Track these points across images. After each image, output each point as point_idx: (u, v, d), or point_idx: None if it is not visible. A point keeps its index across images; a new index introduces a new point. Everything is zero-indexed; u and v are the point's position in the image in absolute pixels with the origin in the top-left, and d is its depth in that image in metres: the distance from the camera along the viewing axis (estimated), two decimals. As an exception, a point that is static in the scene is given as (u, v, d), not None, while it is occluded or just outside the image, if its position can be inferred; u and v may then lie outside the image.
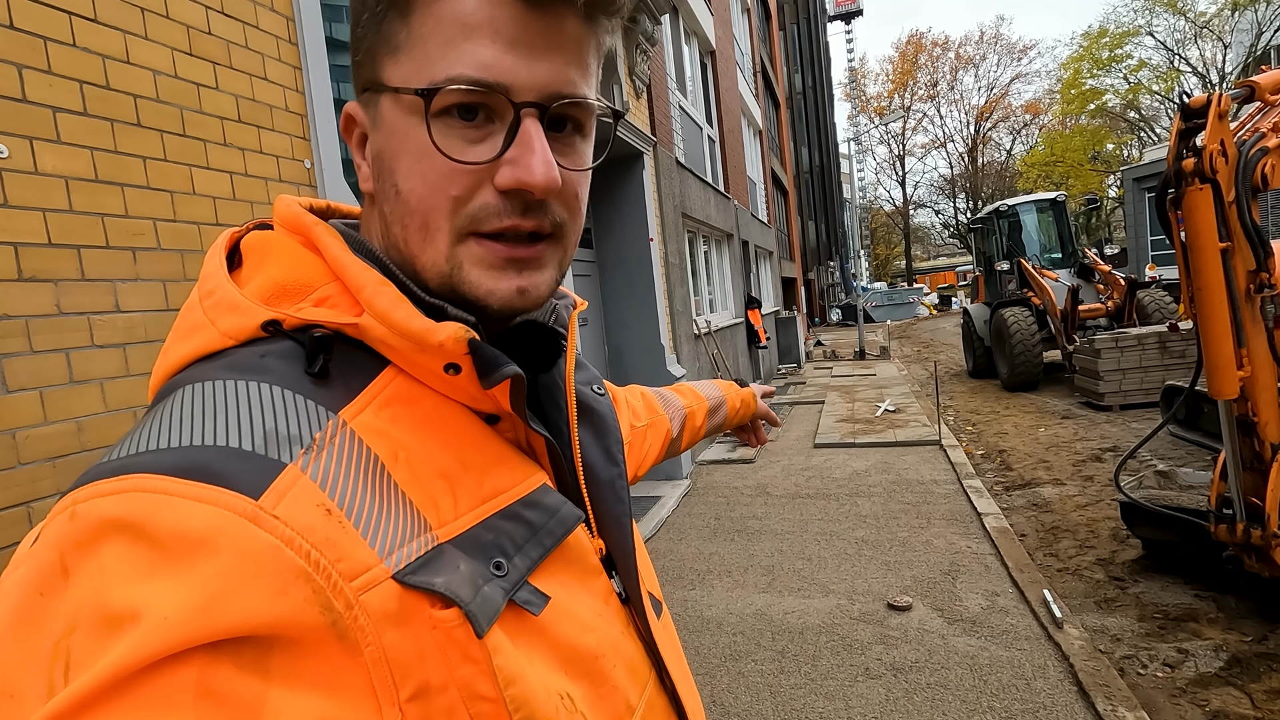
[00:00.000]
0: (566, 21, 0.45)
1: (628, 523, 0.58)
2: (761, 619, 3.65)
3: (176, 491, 0.34)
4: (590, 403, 0.62)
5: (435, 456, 0.45)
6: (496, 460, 0.48)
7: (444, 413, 0.47)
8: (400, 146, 0.46)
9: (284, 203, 0.52)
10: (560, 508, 0.50)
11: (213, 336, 0.44)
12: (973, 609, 3.56)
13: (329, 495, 0.38)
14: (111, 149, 1.72)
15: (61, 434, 1.56)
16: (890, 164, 54.87)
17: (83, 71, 1.67)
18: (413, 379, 0.47)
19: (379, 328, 0.44)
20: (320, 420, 0.41)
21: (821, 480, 6.20)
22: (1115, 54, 26.91)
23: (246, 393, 0.40)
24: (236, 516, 0.34)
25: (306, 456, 0.39)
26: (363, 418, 0.43)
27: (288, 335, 0.44)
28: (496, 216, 0.46)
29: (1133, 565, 3.95)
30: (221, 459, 0.37)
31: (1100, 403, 7.89)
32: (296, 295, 0.46)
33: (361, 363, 0.45)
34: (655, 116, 6.90)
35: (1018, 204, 11.61)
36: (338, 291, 0.47)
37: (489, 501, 0.46)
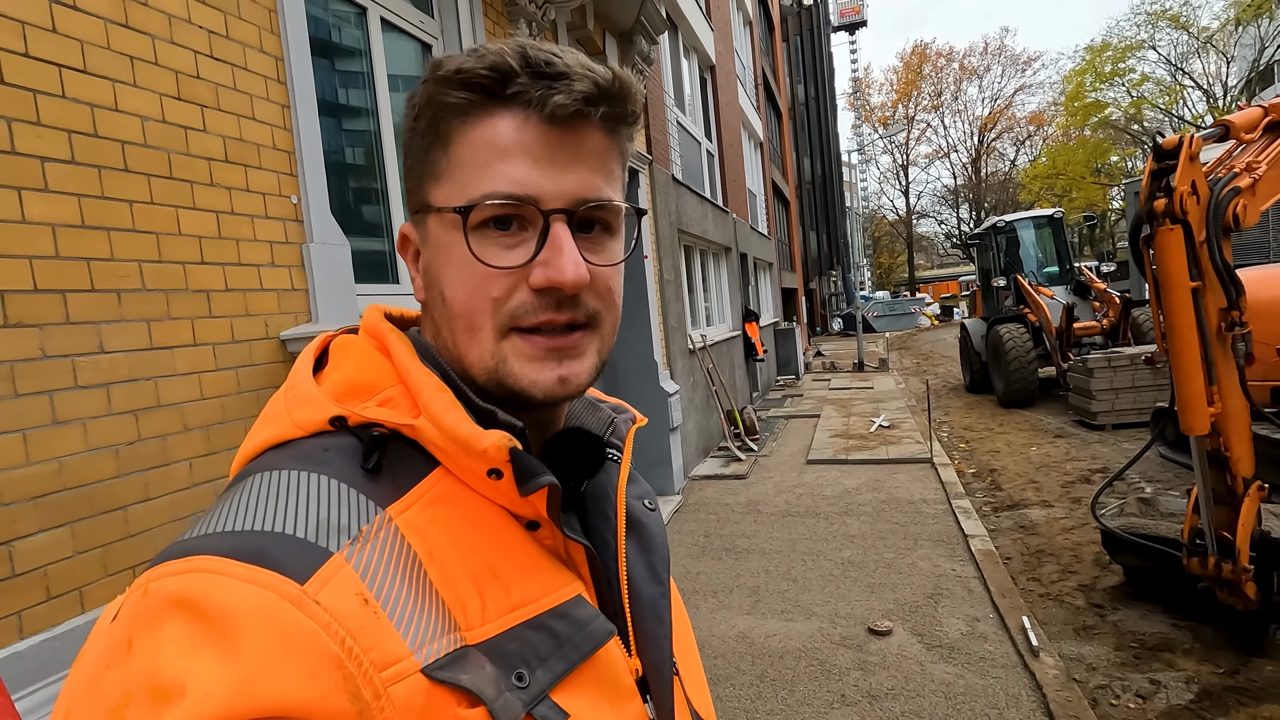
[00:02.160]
0: (589, 137, 0.51)
1: (666, 645, 0.57)
2: (743, 642, 3.68)
3: (232, 573, 0.38)
4: (640, 517, 0.62)
5: (467, 560, 0.46)
6: (530, 568, 0.49)
7: (484, 516, 0.49)
8: (445, 258, 0.51)
9: (370, 311, 0.57)
10: (591, 621, 0.50)
11: (287, 426, 0.49)
12: (952, 634, 3.60)
13: (368, 586, 0.41)
14: (99, 195, 1.78)
15: (43, 474, 1.62)
16: (894, 173, 54.98)
17: (71, 121, 1.73)
18: (459, 481, 0.49)
19: (432, 430, 0.48)
20: (369, 514, 0.44)
21: (812, 498, 6.24)
22: (1118, 68, 26.95)
23: (306, 483, 0.44)
24: (281, 599, 0.38)
25: (352, 547, 0.42)
26: (408, 515, 0.46)
27: (351, 431, 0.48)
28: (533, 313, 0.50)
29: (1113, 592, 3.98)
30: (276, 544, 0.40)
31: (1093, 422, 7.91)
32: (364, 394, 0.50)
33: (414, 462, 0.49)
34: (652, 135, 6.96)
35: (1015, 220, 11.66)
36: (401, 394, 0.51)
37: (516, 610, 0.46)
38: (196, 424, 2.00)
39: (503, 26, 3.99)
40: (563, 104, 0.48)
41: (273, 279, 2.28)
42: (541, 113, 0.48)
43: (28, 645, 1.55)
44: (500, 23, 3.97)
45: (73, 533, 1.67)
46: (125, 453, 1.80)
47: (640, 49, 6.20)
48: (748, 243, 12.41)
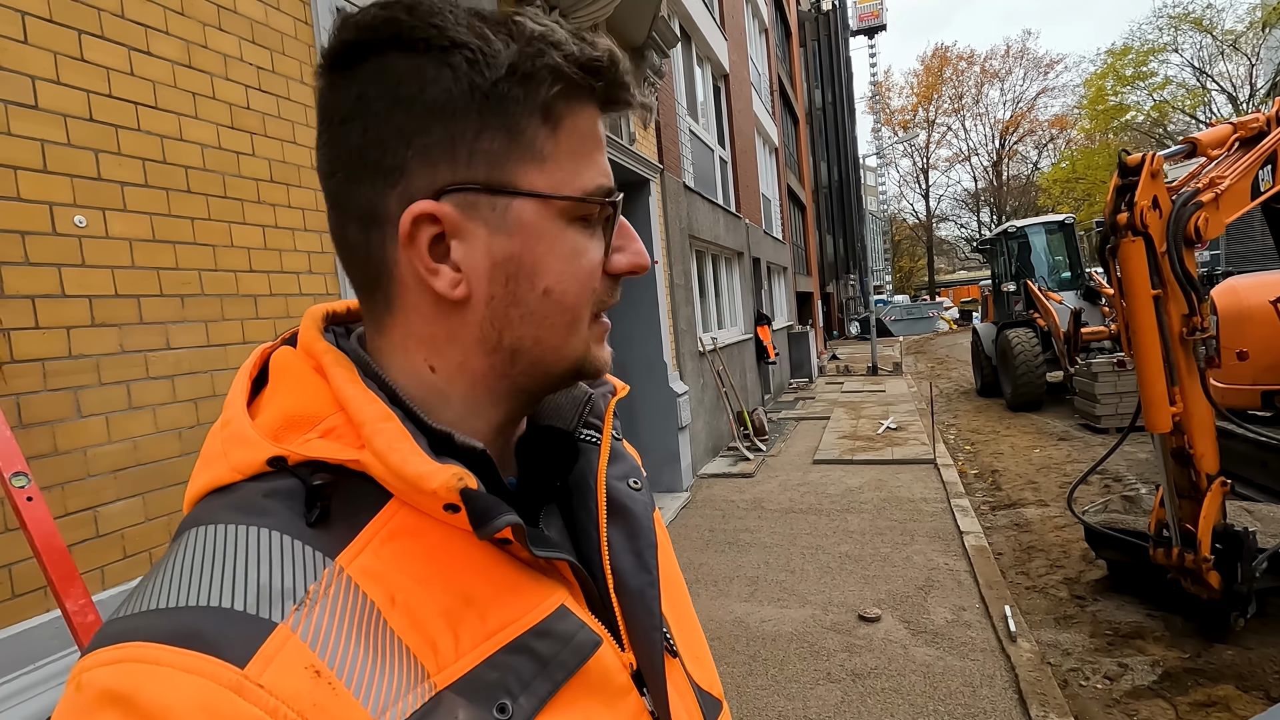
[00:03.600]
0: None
1: (657, 638, 0.53)
2: (739, 626, 3.92)
3: (167, 661, 0.35)
4: (625, 501, 0.57)
5: (436, 595, 0.43)
6: (507, 588, 0.46)
7: (451, 544, 0.45)
8: (548, 249, 0.47)
9: (306, 320, 0.52)
10: (575, 634, 0.47)
11: (224, 470, 0.44)
12: (938, 622, 3.80)
13: (319, 655, 0.38)
14: (166, 213, 2.07)
15: (121, 451, 1.91)
16: (914, 177, 54.82)
17: (145, 150, 2.02)
18: (418, 511, 0.45)
19: (379, 466, 0.43)
20: (316, 569, 0.40)
21: (816, 496, 6.45)
22: (1140, 71, 26.80)
23: (245, 541, 0.40)
24: (220, 689, 0.35)
25: (299, 614, 0.38)
26: (362, 560, 0.42)
27: (292, 472, 0.44)
28: (609, 295, 0.51)
29: (1095, 585, 4.16)
30: (212, 622, 0.37)
31: (1097, 425, 8.04)
32: (303, 426, 0.45)
33: (367, 497, 0.44)
34: (663, 144, 7.23)
35: (1026, 225, 11.76)
36: (343, 423, 0.45)
37: (494, 636, 0.44)
38: (245, 412, 2.29)
39: (519, 48, 4.26)
40: (625, 103, 0.50)
41: (310, 285, 2.57)
42: (604, 107, 0.49)
43: (108, 595, 1.84)
44: (516, 45, 4.24)
45: (144, 502, 1.96)
46: (187, 435, 2.09)
47: (652, 63, 6.47)
48: (760, 247, 12.63)
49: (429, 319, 0.48)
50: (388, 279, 0.47)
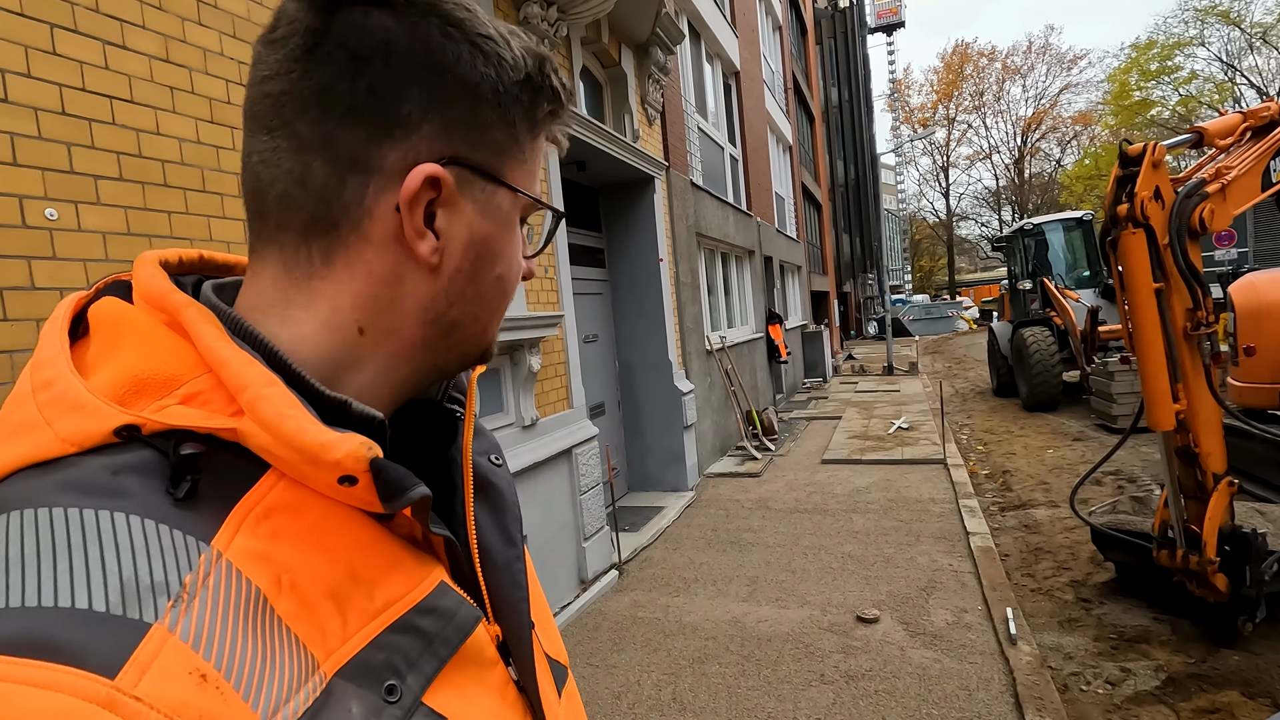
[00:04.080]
0: None
1: (524, 607, 0.54)
2: (735, 626, 3.88)
3: (16, 676, 0.29)
4: (489, 476, 0.58)
5: (323, 573, 0.40)
6: (391, 565, 0.44)
7: (333, 519, 0.42)
8: (508, 239, 0.51)
9: (146, 269, 0.46)
10: (458, 610, 0.46)
11: (48, 441, 0.37)
12: (938, 624, 3.73)
13: (204, 656, 0.33)
14: (142, 206, 2.08)
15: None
16: (934, 175, 54.19)
17: (120, 144, 2.03)
18: (298, 484, 0.41)
19: (263, 435, 0.39)
20: (191, 557, 0.35)
21: (822, 496, 6.38)
22: (1165, 65, 26.28)
23: (97, 528, 0.34)
24: (88, 705, 0.30)
25: (175, 610, 0.34)
26: (240, 541, 0.38)
27: (148, 443, 0.38)
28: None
29: (1103, 588, 4.06)
30: (71, 628, 0.31)
31: (1113, 425, 7.87)
32: (157, 390, 0.40)
33: (239, 471, 0.40)
34: (670, 141, 7.19)
35: (1043, 223, 11.56)
36: (210, 387, 0.41)
37: (381, 615, 0.42)
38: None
39: (515, 44, 4.25)
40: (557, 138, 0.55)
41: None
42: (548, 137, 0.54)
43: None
44: (513, 41, 4.23)
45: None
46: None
47: (656, 60, 6.44)
48: (773, 246, 12.54)
49: (381, 280, 0.46)
50: (350, 229, 0.45)
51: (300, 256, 0.45)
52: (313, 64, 0.43)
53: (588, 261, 6.33)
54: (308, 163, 0.44)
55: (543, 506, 4.15)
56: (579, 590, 4.45)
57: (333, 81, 0.43)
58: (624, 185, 6.46)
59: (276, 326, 0.45)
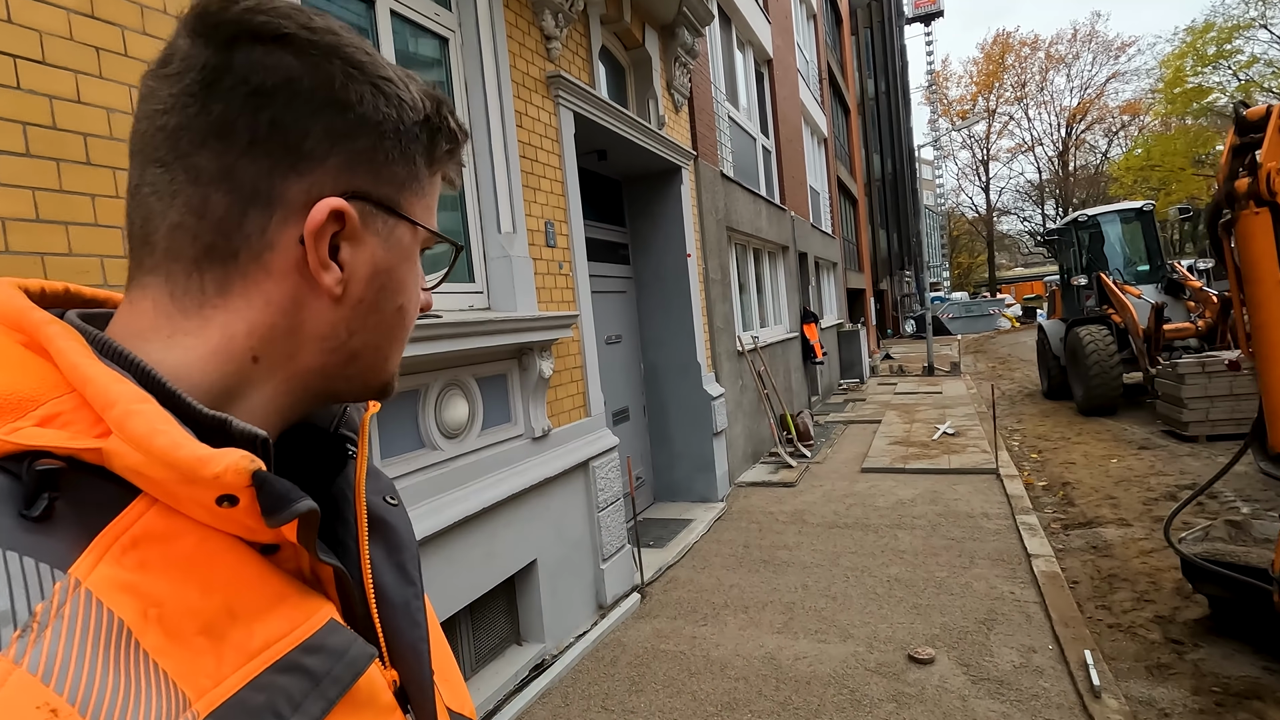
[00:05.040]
0: None
1: (424, 649, 0.52)
2: (769, 664, 3.45)
3: None
4: (383, 515, 0.57)
5: (197, 607, 0.38)
6: (273, 600, 0.42)
7: (209, 549, 0.40)
8: (409, 271, 0.51)
9: (2, 289, 0.44)
10: (349, 647, 0.44)
11: None
12: (1003, 666, 3.26)
13: (55, 690, 0.31)
14: (56, 189, 1.74)
15: None
16: (973, 169, 52.64)
17: (27, 113, 1.69)
18: (171, 511, 0.39)
19: (131, 454, 0.37)
20: (44, 585, 0.33)
21: (863, 509, 5.90)
22: (1223, 49, 24.93)
23: None
24: None
25: (23, 641, 0.31)
26: (102, 570, 0.35)
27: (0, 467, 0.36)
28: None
29: (1195, 626, 3.53)
30: None
31: (1184, 433, 7.22)
32: (11, 413, 0.38)
33: (104, 495, 0.38)
34: (698, 129, 6.76)
35: (1099, 214, 10.83)
36: (73, 407, 0.39)
37: (261, 654, 0.39)
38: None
39: (526, 18, 3.88)
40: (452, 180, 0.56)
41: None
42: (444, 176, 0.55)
43: None
44: (524, 14, 3.86)
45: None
46: (81, 453, 1.76)
47: (683, 41, 6.02)
48: (808, 241, 12.02)
49: (279, 308, 0.46)
50: (250, 259, 0.45)
51: (191, 285, 0.45)
52: (212, 99, 0.43)
53: (610, 258, 5.93)
54: (206, 194, 0.44)
55: (554, 526, 3.77)
56: (596, 617, 4.06)
57: (234, 116, 0.44)
58: (649, 176, 6.05)
59: (159, 352, 0.44)
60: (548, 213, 3.98)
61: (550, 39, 4.06)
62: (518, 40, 3.79)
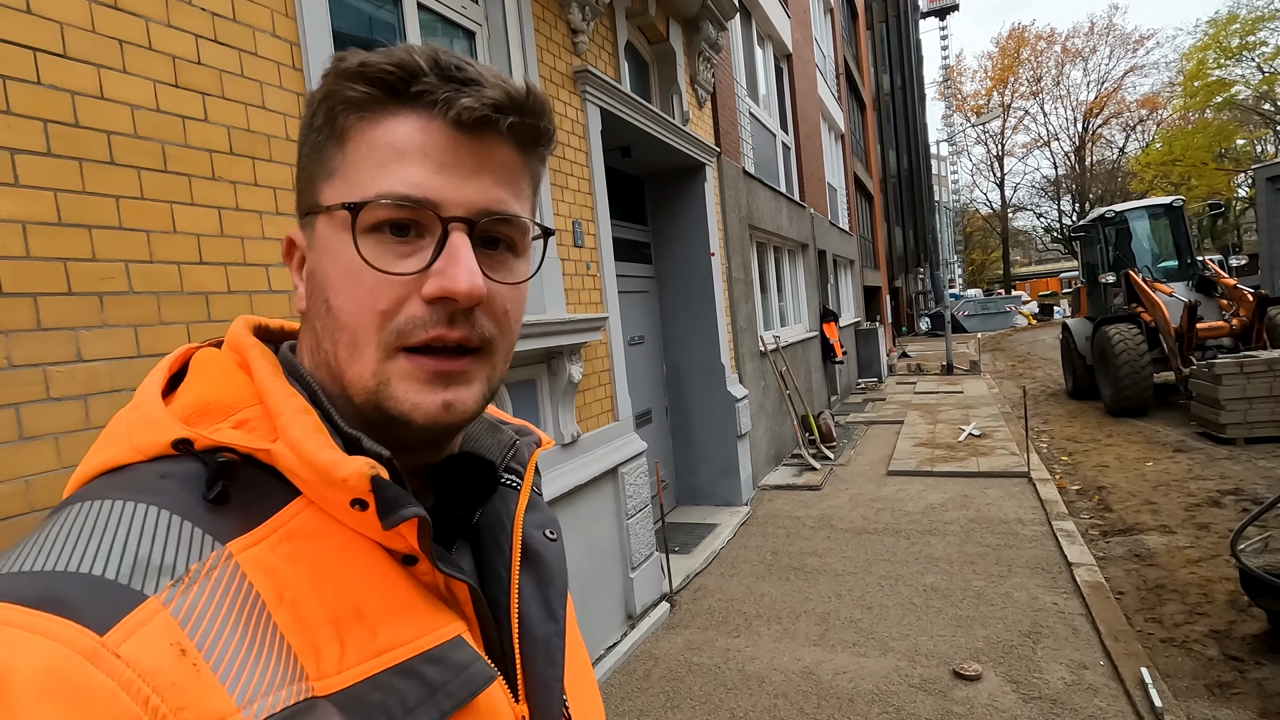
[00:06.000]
0: (497, 148, 0.48)
1: (558, 689, 0.53)
2: (808, 679, 3.32)
3: (20, 623, 0.33)
4: (539, 548, 0.58)
5: (328, 601, 0.42)
6: (402, 608, 0.45)
7: (351, 552, 0.44)
8: (331, 262, 0.47)
9: (236, 323, 0.53)
10: (469, 665, 0.45)
11: (124, 450, 0.44)
12: (1054, 684, 3.12)
13: (189, 633, 0.36)
14: (79, 190, 1.64)
15: (8, 495, 1.48)
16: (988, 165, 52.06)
17: (48, 110, 1.59)
18: (323, 513, 0.44)
19: (289, 456, 0.43)
20: (202, 551, 0.39)
21: (892, 513, 5.76)
22: (1246, 41, 24.46)
23: (131, 515, 0.39)
24: (73, 654, 0.33)
25: (174, 589, 0.37)
26: (255, 551, 0.41)
27: (197, 456, 0.43)
28: (422, 328, 0.46)
29: (1255, 643, 3.38)
30: (77, 588, 0.35)
31: (1221, 435, 7.01)
32: (217, 415, 0.46)
33: (271, 492, 0.44)
34: (721, 126, 6.63)
35: (1127, 210, 10.59)
36: (260, 415, 0.46)
37: (382, 655, 0.42)
38: (191, 438, 1.84)
39: (553, 10, 3.76)
40: (470, 107, 0.45)
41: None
42: (447, 115, 0.46)
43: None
44: (550, 7, 3.74)
45: (40, 559, 1.53)
46: (106, 470, 1.66)
47: (708, 35, 5.89)
48: (826, 239, 11.85)
49: (303, 330, 0.52)
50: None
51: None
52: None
53: (633, 257, 5.81)
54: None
55: (583, 535, 3.65)
56: (626, 628, 3.95)
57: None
58: (672, 173, 5.92)
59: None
60: (575, 211, 3.86)
61: (577, 33, 3.94)
62: (544, 34, 3.68)
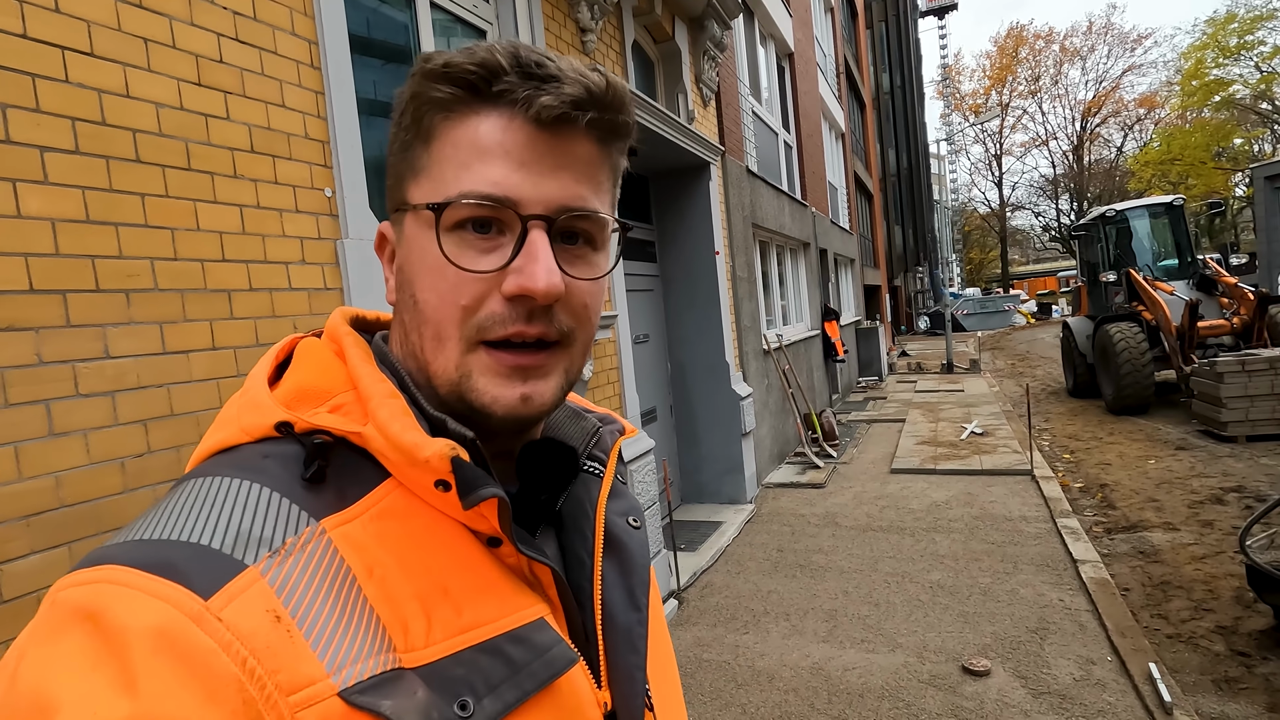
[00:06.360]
0: (577, 144, 0.48)
1: (640, 677, 0.53)
2: (818, 675, 3.34)
3: (135, 584, 0.36)
4: (622, 536, 0.58)
5: (415, 578, 0.44)
6: (486, 588, 0.46)
7: (438, 532, 0.46)
8: (418, 259, 0.49)
9: (335, 314, 0.56)
10: (551, 647, 0.46)
11: (234, 431, 0.47)
12: (1063, 679, 3.14)
13: (284, 602, 0.38)
14: (105, 187, 1.65)
15: (37, 490, 1.49)
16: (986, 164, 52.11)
17: (76, 108, 1.60)
18: (411, 494, 0.46)
19: (379, 439, 0.45)
20: (297, 526, 0.41)
21: (896, 511, 5.78)
22: (1245, 40, 24.51)
23: (236, 491, 0.42)
24: (180, 615, 0.35)
25: (271, 560, 0.39)
26: (347, 529, 0.43)
27: (296, 438, 0.46)
28: (502, 324, 0.47)
29: (1261, 638, 3.40)
30: (186, 555, 0.38)
31: (1222, 433, 7.05)
32: (315, 400, 0.48)
33: (363, 473, 0.46)
34: (725, 124, 6.64)
35: (1127, 209, 10.62)
36: (353, 400, 0.48)
37: (468, 632, 0.44)
38: (215, 434, 1.85)
39: (562, 10, 3.77)
40: (549, 105, 0.46)
41: (302, 277, 2.12)
42: (527, 114, 0.46)
43: (16, 678, 1.42)
44: (559, 5, 3.75)
45: (70, 554, 1.54)
46: (133, 466, 1.67)
47: (712, 34, 5.90)
48: (828, 238, 11.87)
49: (394, 321, 0.55)
50: None
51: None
52: None
53: (638, 256, 5.82)
54: None
55: (595, 532, 3.67)
56: (635, 624, 3.96)
57: None
58: (677, 172, 5.93)
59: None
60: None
61: (585, 31, 3.95)
62: (554, 33, 3.69)
